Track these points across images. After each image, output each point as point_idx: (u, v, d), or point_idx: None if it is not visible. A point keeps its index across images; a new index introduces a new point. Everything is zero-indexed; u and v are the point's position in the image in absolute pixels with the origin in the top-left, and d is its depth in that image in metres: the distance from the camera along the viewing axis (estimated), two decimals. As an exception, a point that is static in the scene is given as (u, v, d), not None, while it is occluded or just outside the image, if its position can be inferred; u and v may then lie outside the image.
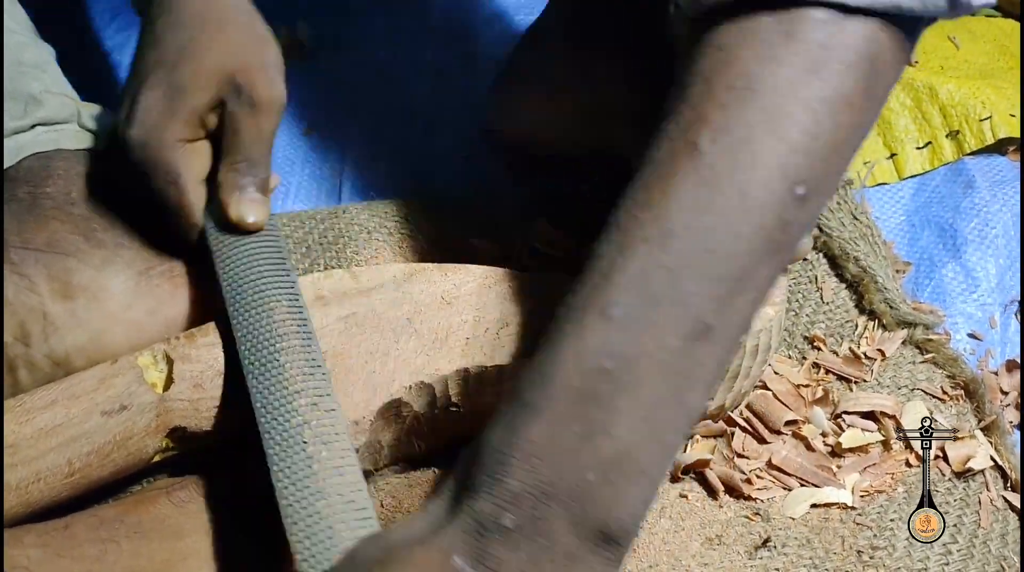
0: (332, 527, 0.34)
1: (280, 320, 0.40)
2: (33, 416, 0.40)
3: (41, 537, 0.38)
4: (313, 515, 0.34)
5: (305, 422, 0.37)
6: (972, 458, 0.47)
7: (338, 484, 0.36)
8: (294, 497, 0.35)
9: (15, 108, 0.47)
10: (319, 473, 0.36)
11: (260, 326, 0.40)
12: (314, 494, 0.35)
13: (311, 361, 0.40)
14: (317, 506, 0.35)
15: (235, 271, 0.42)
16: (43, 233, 0.44)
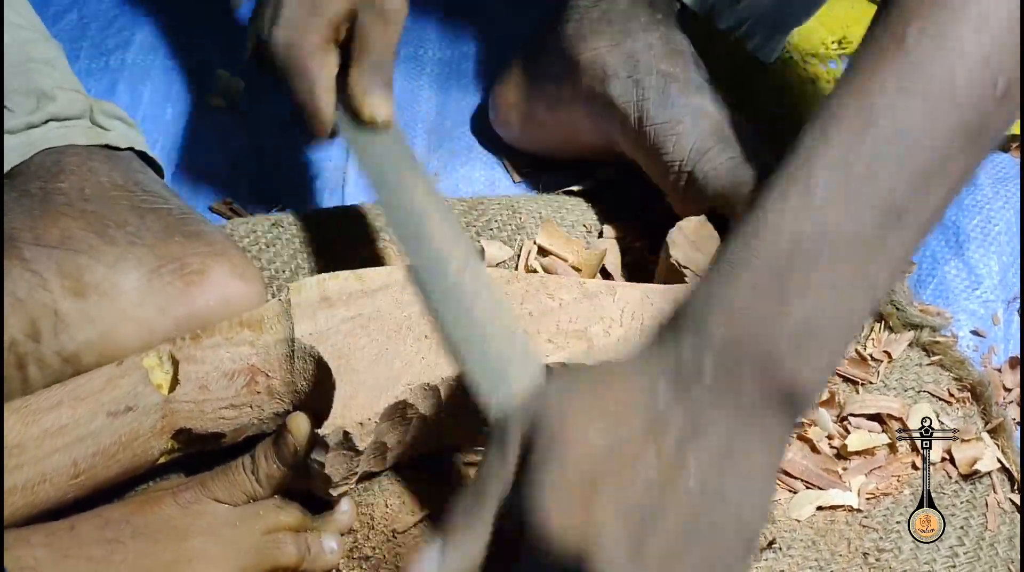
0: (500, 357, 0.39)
1: (422, 199, 0.45)
2: (39, 417, 0.40)
3: (47, 537, 0.38)
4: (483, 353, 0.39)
5: (459, 276, 0.42)
6: (979, 460, 0.47)
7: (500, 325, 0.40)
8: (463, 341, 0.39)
9: (27, 103, 0.47)
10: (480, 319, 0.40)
11: (405, 206, 0.45)
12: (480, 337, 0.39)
13: (455, 231, 0.44)
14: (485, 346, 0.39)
15: (375, 163, 0.47)
16: (56, 229, 0.44)
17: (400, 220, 0.45)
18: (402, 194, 0.45)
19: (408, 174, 0.46)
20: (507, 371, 0.38)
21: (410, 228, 0.44)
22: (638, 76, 0.54)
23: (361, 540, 0.44)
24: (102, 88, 0.65)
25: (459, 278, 0.42)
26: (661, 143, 0.52)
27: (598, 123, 0.56)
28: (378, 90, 0.47)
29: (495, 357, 0.39)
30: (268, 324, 0.43)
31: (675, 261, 0.48)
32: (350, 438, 0.40)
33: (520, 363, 0.39)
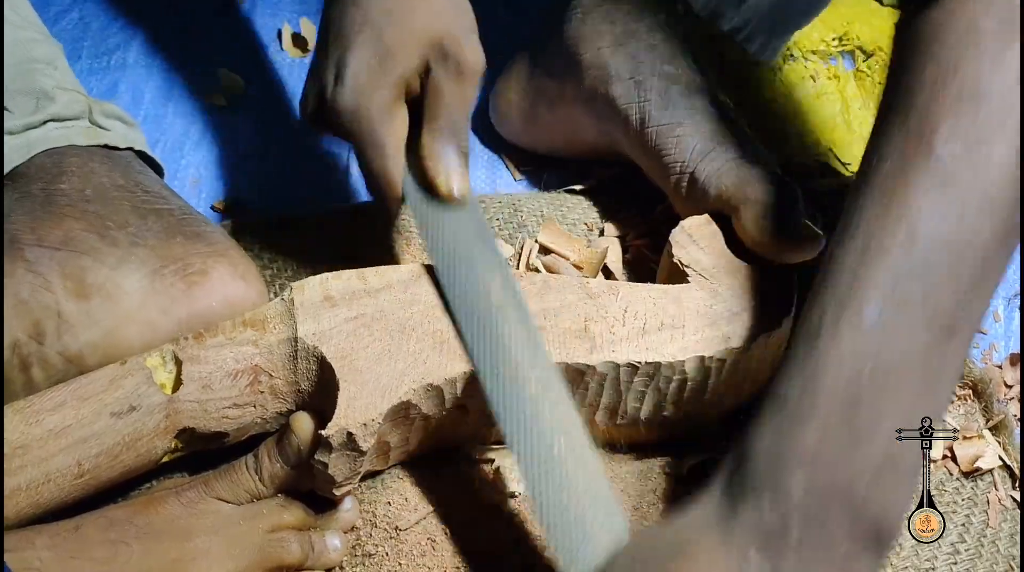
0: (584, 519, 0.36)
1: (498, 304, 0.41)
2: (42, 417, 0.40)
3: (52, 539, 0.38)
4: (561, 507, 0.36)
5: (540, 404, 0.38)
6: (980, 458, 0.47)
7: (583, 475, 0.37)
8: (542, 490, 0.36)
9: (27, 104, 0.47)
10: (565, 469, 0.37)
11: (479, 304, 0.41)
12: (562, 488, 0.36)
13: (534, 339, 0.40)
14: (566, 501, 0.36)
15: (446, 242, 0.43)
16: (58, 231, 0.44)
17: (472, 321, 0.40)
18: (477, 290, 0.41)
19: (486, 264, 0.42)
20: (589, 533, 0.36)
21: (484, 335, 0.40)
22: (640, 77, 0.53)
23: (364, 538, 0.44)
24: (103, 87, 0.65)
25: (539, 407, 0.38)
26: (662, 144, 0.52)
27: (599, 123, 0.56)
28: (453, 160, 0.43)
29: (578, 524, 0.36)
30: (271, 324, 0.44)
31: (678, 261, 0.48)
32: (354, 439, 0.40)
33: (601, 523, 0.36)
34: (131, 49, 0.67)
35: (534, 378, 0.39)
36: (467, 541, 0.43)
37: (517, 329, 0.40)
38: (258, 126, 0.64)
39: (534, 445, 0.37)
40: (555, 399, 0.39)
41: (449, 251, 0.42)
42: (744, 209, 0.47)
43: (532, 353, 0.40)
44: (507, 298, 0.41)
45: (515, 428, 0.38)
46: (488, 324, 0.40)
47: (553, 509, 0.36)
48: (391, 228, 0.51)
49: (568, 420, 0.38)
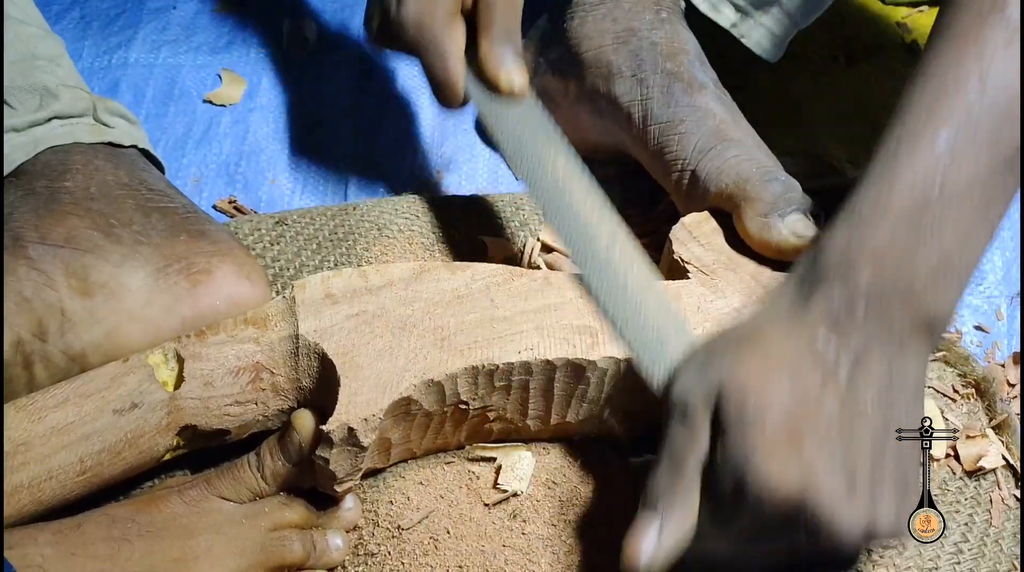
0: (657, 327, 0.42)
1: (566, 175, 0.46)
2: (45, 414, 0.40)
3: (54, 536, 0.38)
4: (639, 321, 0.42)
5: (610, 249, 0.44)
6: (983, 457, 0.47)
7: (653, 294, 0.43)
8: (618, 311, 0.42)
9: (30, 101, 0.47)
10: (632, 289, 0.43)
11: (547, 180, 0.46)
12: (634, 306, 0.42)
13: (599, 203, 0.46)
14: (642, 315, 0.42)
15: (513, 133, 0.47)
16: (61, 228, 0.44)
17: (544, 193, 0.45)
18: (543, 165, 0.46)
19: (549, 146, 0.47)
20: (666, 345, 0.41)
21: (555, 201, 0.45)
22: (642, 75, 0.53)
23: (366, 536, 0.44)
24: (105, 86, 0.65)
25: (610, 252, 0.44)
26: (664, 142, 0.52)
27: (602, 121, 0.56)
28: (511, 59, 0.47)
29: (653, 332, 0.41)
30: (273, 321, 0.44)
31: (678, 257, 0.48)
32: (354, 434, 0.40)
33: (675, 332, 0.42)
34: (132, 48, 0.67)
35: (604, 231, 0.44)
36: (469, 540, 0.43)
37: (583, 194, 0.46)
38: (260, 125, 0.64)
39: (608, 280, 0.43)
40: (623, 244, 0.44)
41: (517, 139, 0.47)
42: (745, 207, 0.47)
43: (599, 211, 0.45)
44: (571, 170, 0.46)
45: (591, 267, 0.44)
46: (557, 192, 0.45)
47: (630, 326, 0.42)
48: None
49: (636, 259, 0.44)
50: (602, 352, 0.43)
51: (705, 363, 0.37)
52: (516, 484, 0.45)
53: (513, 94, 0.48)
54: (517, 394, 0.44)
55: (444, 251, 0.55)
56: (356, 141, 0.64)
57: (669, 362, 0.40)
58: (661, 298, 0.43)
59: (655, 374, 0.40)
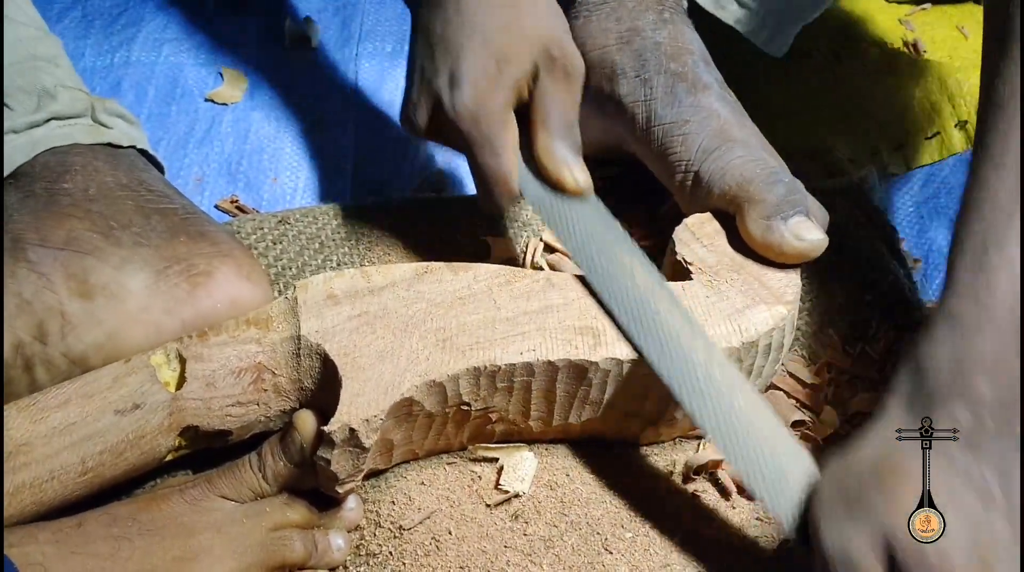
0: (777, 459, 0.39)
1: (645, 285, 0.43)
2: (47, 415, 0.40)
3: (55, 534, 0.38)
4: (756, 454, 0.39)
5: (709, 371, 0.40)
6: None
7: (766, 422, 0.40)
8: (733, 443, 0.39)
9: (29, 102, 0.47)
10: (743, 417, 0.40)
11: (628, 291, 0.43)
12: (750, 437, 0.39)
13: (686, 316, 0.42)
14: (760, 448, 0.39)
15: (582, 236, 0.45)
16: (61, 230, 0.44)
17: (625, 305, 0.42)
18: (620, 274, 0.43)
19: (621, 248, 0.44)
20: (786, 476, 0.38)
21: (639, 314, 0.42)
22: (646, 75, 0.53)
23: (368, 537, 0.44)
24: (107, 86, 0.65)
25: (710, 374, 0.40)
26: (668, 143, 0.52)
27: (605, 122, 0.56)
28: (572, 156, 0.45)
29: (771, 464, 0.39)
30: (275, 322, 0.44)
31: (681, 258, 0.47)
32: (356, 435, 0.40)
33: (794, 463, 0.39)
34: (134, 47, 0.67)
35: (699, 346, 0.41)
36: (471, 541, 0.43)
37: (668, 306, 0.42)
38: (262, 124, 0.64)
39: (716, 407, 0.40)
40: (720, 362, 0.41)
41: (584, 240, 0.45)
42: (748, 208, 0.47)
43: (689, 326, 0.42)
44: (651, 278, 0.44)
45: (694, 395, 0.40)
46: (640, 304, 0.42)
47: (748, 459, 0.39)
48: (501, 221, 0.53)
49: (737, 378, 0.41)
50: (604, 353, 0.43)
51: (851, 507, 0.35)
52: (518, 485, 0.45)
53: (579, 192, 0.45)
54: (519, 395, 0.44)
55: (447, 251, 0.55)
56: (358, 140, 0.64)
57: (793, 496, 0.38)
58: (772, 420, 0.40)
59: (785, 514, 0.38)
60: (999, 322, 0.35)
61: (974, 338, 0.35)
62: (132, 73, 0.65)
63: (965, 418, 0.35)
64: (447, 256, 0.54)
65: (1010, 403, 0.35)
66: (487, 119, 0.44)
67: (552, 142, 0.45)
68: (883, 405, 0.38)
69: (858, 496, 0.35)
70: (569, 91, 0.45)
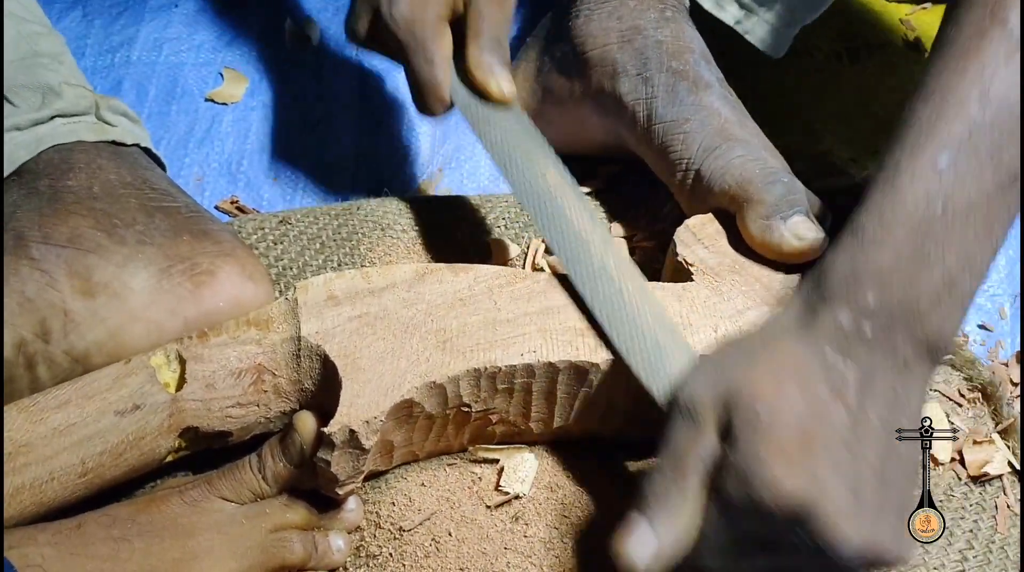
0: (657, 339, 0.41)
1: (556, 183, 0.47)
2: (47, 415, 0.40)
3: (55, 536, 0.38)
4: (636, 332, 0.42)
5: (604, 259, 0.44)
6: (989, 463, 0.47)
7: (650, 306, 0.43)
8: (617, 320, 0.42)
9: (33, 99, 0.47)
10: (630, 301, 0.43)
11: (539, 187, 0.46)
12: (632, 317, 0.42)
13: (590, 212, 0.46)
14: (639, 324, 0.42)
15: (502, 140, 0.48)
16: (64, 228, 0.44)
17: (535, 200, 0.46)
18: (534, 173, 0.47)
19: (538, 152, 0.48)
20: (666, 354, 0.41)
21: (547, 208, 0.45)
22: (647, 74, 0.53)
23: (368, 538, 0.44)
24: (107, 85, 0.65)
25: (604, 261, 0.44)
26: (669, 141, 0.52)
27: (606, 120, 0.56)
28: (499, 67, 0.48)
29: (652, 342, 0.41)
30: (275, 323, 0.43)
31: (682, 259, 0.47)
32: (356, 437, 0.40)
33: (673, 344, 0.41)
34: (135, 47, 0.67)
35: (596, 239, 0.45)
36: (471, 542, 0.43)
37: (575, 204, 0.46)
38: (262, 124, 0.64)
39: (605, 291, 0.43)
40: (617, 256, 0.45)
41: (505, 145, 0.48)
42: (748, 208, 0.47)
43: (591, 222, 0.46)
44: (562, 178, 0.47)
45: (587, 280, 0.43)
46: (549, 202, 0.46)
47: (629, 337, 0.42)
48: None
49: (631, 271, 0.44)
50: (605, 355, 0.43)
51: (716, 371, 0.37)
52: (518, 486, 0.45)
53: (504, 100, 0.48)
54: (520, 397, 0.44)
55: (447, 252, 0.55)
56: (359, 140, 0.64)
57: (670, 371, 0.40)
58: (657, 307, 0.43)
59: (657, 383, 0.40)
60: (896, 236, 0.36)
61: (871, 250, 0.37)
62: (133, 72, 0.65)
63: (847, 321, 0.36)
64: (448, 257, 0.54)
65: (893, 316, 0.36)
66: (421, 27, 0.47)
67: (481, 53, 0.48)
68: (787, 301, 0.40)
69: (724, 364, 0.37)
70: (500, 9, 0.48)
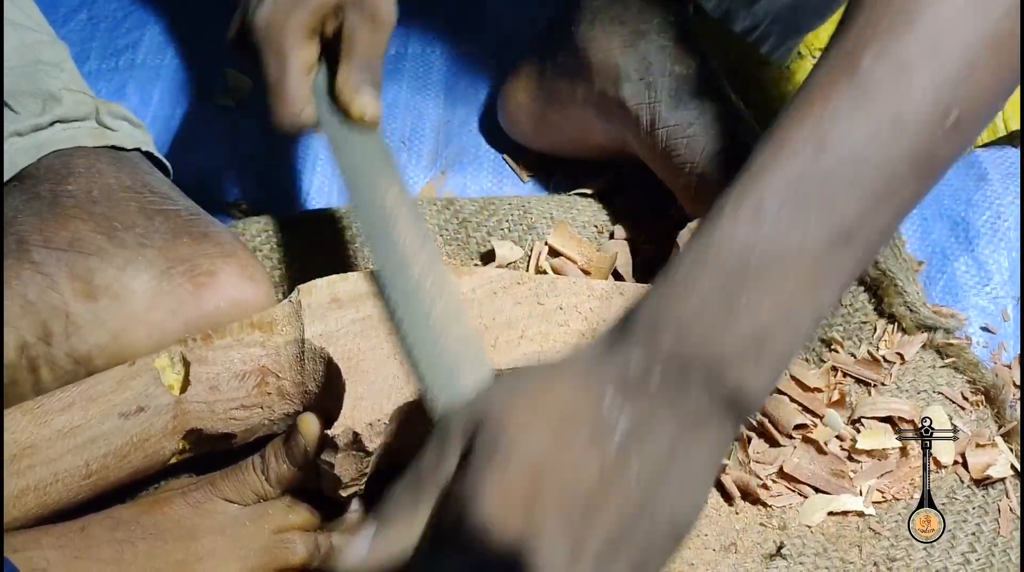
0: (455, 363, 0.40)
1: (394, 203, 0.45)
2: (51, 418, 0.40)
3: (59, 539, 0.38)
4: (435, 353, 0.40)
5: (421, 279, 0.43)
6: (992, 466, 0.47)
7: (455, 328, 0.41)
8: (417, 339, 0.41)
9: (34, 105, 0.48)
10: (436, 321, 0.41)
11: (376, 206, 0.45)
12: (434, 338, 0.41)
13: (422, 234, 0.44)
14: (438, 346, 0.40)
15: (353, 161, 0.46)
16: (65, 232, 0.44)
17: (369, 219, 0.45)
18: (374, 194, 0.45)
19: (384, 175, 0.46)
20: (458, 374, 0.39)
21: (378, 228, 0.44)
22: (651, 78, 0.53)
23: (370, 540, 0.44)
24: (112, 89, 0.65)
25: (421, 281, 0.42)
26: (673, 146, 0.52)
27: (610, 125, 0.56)
28: (367, 88, 0.47)
29: (447, 360, 0.40)
30: (279, 325, 0.44)
31: (686, 262, 0.47)
32: (359, 439, 0.40)
33: (471, 367, 0.40)
34: (139, 50, 0.67)
35: (419, 261, 0.43)
36: (473, 544, 0.43)
37: (408, 226, 0.45)
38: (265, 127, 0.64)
39: (413, 309, 0.42)
40: (437, 277, 0.43)
41: (357, 167, 0.46)
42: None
43: (420, 244, 0.44)
44: (401, 199, 0.45)
45: (398, 295, 0.42)
46: (382, 222, 0.44)
47: (426, 355, 0.40)
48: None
49: (447, 291, 0.43)
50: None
51: (485, 397, 0.34)
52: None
53: (364, 122, 0.47)
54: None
55: (451, 254, 0.55)
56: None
57: (457, 395, 0.38)
58: (466, 333, 0.41)
59: (437, 404, 0.38)
60: (707, 282, 0.33)
61: (678, 293, 0.33)
62: (137, 76, 0.65)
63: (637, 365, 0.33)
64: (451, 259, 0.54)
65: (691, 366, 0.32)
66: (279, 33, 0.46)
67: (350, 73, 0.47)
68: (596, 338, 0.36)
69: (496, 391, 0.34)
70: (373, 34, 0.47)
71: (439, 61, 0.68)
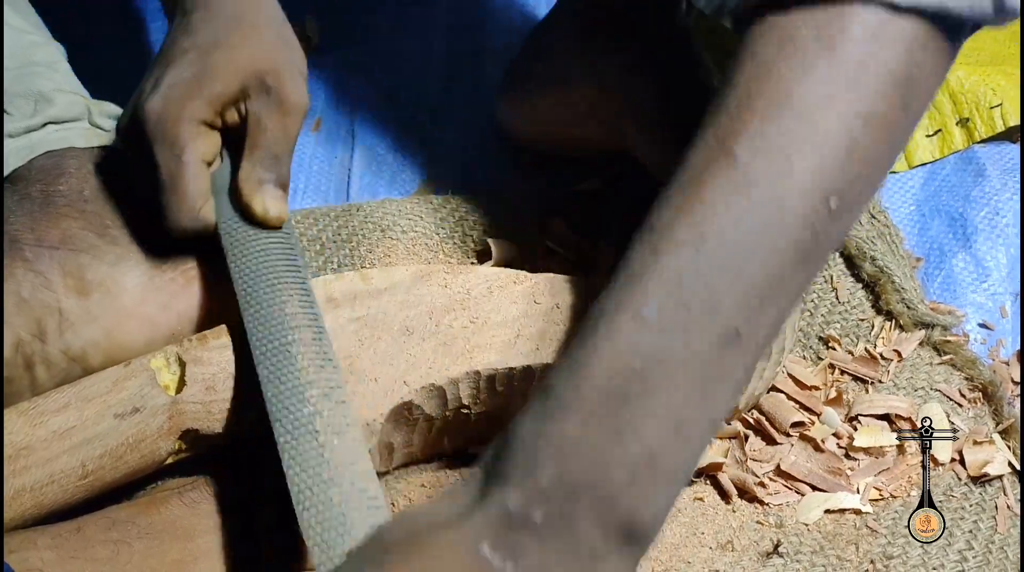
0: (345, 514, 0.35)
1: (292, 314, 0.41)
2: (47, 419, 0.40)
3: (54, 539, 0.38)
4: (325, 502, 0.35)
5: (317, 412, 0.38)
6: (989, 463, 0.47)
7: (350, 473, 0.36)
8: (306, 484, 0.36)
9: (26, 107, 0.48)
10: (331, 461, 0.36)
11: (273, 319, 0.40)
12: (326, 481, 0.36)
13: (323, 354, 0.40)
14: (330, 493, 0.36)
15: (249, 266, 0.42)
16: (56, 230, 0.44)
17: (262, 339, 0.40)
18: (271, 309, 0.41)
19: (288, 283, 0.42)
20: (348, 527, 0.35)
21: (271, 350, 0.40)
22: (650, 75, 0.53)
23: (368, 540, 0.44)
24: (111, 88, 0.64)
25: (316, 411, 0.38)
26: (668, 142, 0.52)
27: (607, 123, 0.56)
28: (271, 185, 0.43)
29: (337, 512, 0.35)
30: (274, 325, 0.43)
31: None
32: (356, 439, 0.40)
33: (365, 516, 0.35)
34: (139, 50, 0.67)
35: (317, 387, 0.39)
36: (470, 543, 0.43)
37: (308, 342, 0.40)
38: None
39: (305, 449, 0.37)
40: (335, 411, 0.38)
41: (254, 274, 0.42)
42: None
43: (319, 365, 0.39)
44: (303, 313, 0.41)
45: (289, 433, 0.37)
46: (279, 339, 0.40)
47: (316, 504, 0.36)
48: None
49: (346, 424, 0.38)
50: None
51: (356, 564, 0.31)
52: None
53: (268, 222, 0.43)
54: (519, 399, 0.44)
55: (448, 253, 0.55)
56: (359, 141, 0.64)
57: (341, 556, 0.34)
58: (364, 470, 0.37)
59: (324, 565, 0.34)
60: (588, 401, 0.30)
61: (556, 417, 0.30)
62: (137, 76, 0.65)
63: (515, 507, 0.29)
64: (448, 258, 0.54)
65: (578, 497, 0.29)
66: (172, 123, 0.41)
67: (253, 167, 0.43)
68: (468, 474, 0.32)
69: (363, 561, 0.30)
70: (282, 124, 0.43)
71: (437, 58, 0.68)
